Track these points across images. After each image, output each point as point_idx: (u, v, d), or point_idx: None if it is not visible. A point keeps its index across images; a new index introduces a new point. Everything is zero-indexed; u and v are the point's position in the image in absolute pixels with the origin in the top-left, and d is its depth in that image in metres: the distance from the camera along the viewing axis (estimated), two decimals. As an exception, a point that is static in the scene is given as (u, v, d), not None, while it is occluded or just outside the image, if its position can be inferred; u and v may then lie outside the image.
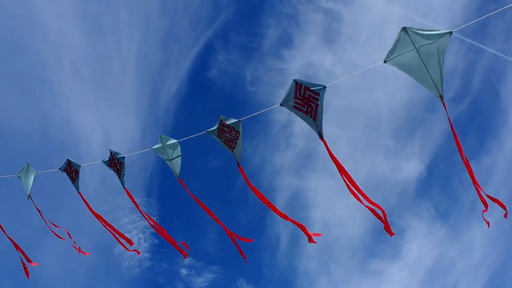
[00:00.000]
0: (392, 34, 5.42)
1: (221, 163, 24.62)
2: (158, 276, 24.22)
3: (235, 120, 6.59)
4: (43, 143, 19.99)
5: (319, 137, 6.09)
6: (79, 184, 8.06)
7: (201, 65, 24.25)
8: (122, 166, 7.56)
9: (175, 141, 7.13)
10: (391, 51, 5.45)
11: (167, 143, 7.08)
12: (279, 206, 6.86)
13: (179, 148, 7.13)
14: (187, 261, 24.12)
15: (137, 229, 24.01)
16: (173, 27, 23.63)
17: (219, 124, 6.68)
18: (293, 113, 6.17)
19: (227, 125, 6.63)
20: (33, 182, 8.09)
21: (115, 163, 7.59)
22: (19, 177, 8.15)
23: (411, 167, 23.30)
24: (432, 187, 23.82)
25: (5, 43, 21.43)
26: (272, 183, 23.08)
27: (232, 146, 6.76)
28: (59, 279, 22.04)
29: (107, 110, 23.50)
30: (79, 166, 7.94)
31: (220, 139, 6.80)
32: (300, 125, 23.68)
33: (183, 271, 24.02)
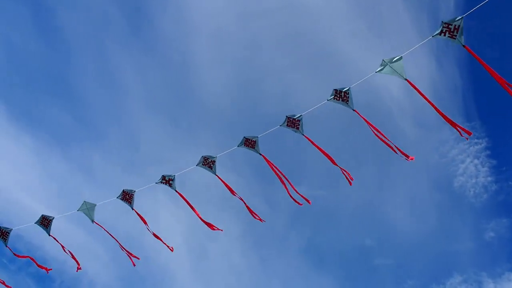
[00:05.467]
0: None
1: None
2: (510, 195, 22.94)
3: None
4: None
5: None
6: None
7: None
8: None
9: None
10: None
11: None
12: None
13: None
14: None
15: (469, 156, 23.03)
16: None
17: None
18: None
19: None
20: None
21: None
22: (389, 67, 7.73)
23: None
24: None
25: (288, 36, 23.34)
26: None
27: None
28: (412, 223, 22.93)
29: (389, 51, 21.21)
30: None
31: None
32: None
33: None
